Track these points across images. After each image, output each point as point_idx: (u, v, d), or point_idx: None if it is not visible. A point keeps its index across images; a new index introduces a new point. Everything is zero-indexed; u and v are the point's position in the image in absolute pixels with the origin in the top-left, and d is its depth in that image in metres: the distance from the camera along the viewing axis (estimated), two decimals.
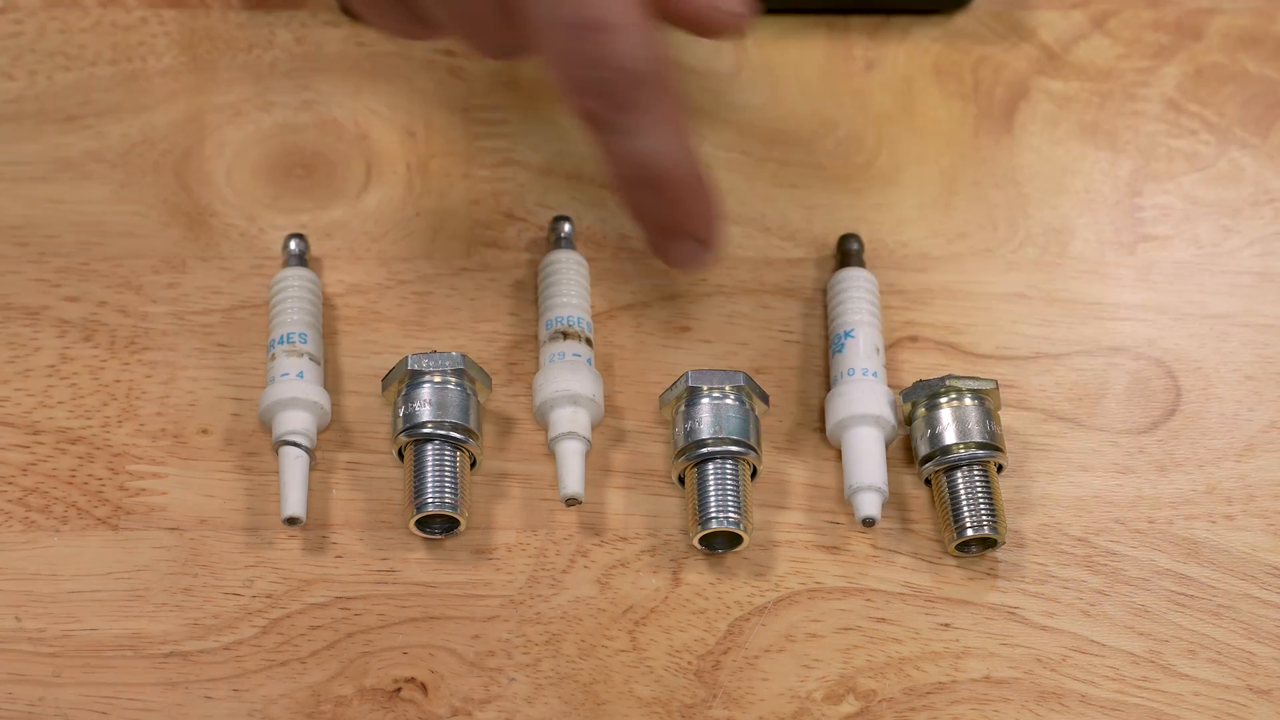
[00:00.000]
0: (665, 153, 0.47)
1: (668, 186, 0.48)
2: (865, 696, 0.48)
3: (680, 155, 0.48)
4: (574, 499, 0.49)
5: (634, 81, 0.46)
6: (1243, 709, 0.48)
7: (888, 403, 0.50)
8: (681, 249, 0.50)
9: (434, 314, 0.53)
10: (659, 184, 0.48)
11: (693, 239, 0.50)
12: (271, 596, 0.48)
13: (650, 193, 0.48)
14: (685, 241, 0.50)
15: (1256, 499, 0.51)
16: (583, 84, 0.46)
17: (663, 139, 0.47)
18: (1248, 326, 0.54)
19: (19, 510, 0.50)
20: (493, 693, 0.47)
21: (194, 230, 0.55)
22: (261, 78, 0.58)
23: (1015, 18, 0.60)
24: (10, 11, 0.59)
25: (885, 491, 0.49)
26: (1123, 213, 0.56)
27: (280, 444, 0.50)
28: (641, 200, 0.49)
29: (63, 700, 0.47)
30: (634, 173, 0.48)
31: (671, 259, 0.50)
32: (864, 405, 0.50)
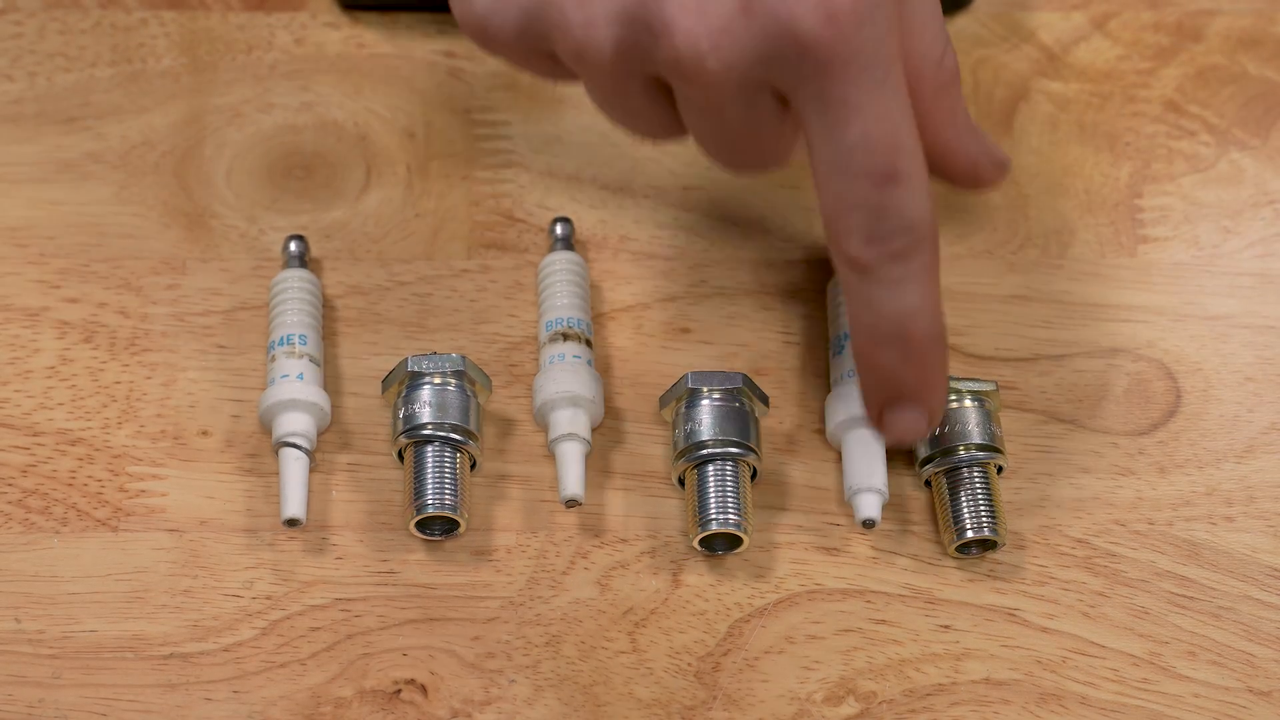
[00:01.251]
0: (923, 311, 0.47)
1: (916, 346, 0.48)
2: (865, 698, 0.48)
3: (935, 316, 0.48)
4: (574, 500, 0.49)
5: (917, 237, 0.46)
6: (1243, 711, 0.48)
7: None
8: (905, 418, 0.49)
9: (434, 315, 0.53)
10: (909, 342, 0.47)
11: (918, 409, 0.49)
12: (271, 598, 0.48)
13: (897, 352, 0.48)
14: (910, 410, 0.49)
15: (1257, 500, 0.51)
16: (868, 232, 0.46)
17: (925, 297, 0.47)
18: (1248, 328, 0.54)
19: (19, 512, 0.50)
20: (493, 694, 0.47)
21: (194, 231, 0.55)
22: (261, 79, 0.58)
23: (1015, 19, 0.60)
24: (10, 12, 0.59)
25: (885, 493, 0.49)
26: (1123, 214, 0.56)
27: (280, 445, 0.50)
28: (885, 359, 0.48)
29: (62, 702, 0.47)
30: (888, 328, 0.47)
31: (892, 429, 0.49)
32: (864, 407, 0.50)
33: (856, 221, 0.46)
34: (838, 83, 0.45)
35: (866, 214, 0.46)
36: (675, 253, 0.55)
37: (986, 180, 0.52)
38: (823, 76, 0.45)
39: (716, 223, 0.56)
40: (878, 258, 0.46)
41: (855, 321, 0.48)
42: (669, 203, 0.56)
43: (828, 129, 0.45)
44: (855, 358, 0.48)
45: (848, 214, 0.46)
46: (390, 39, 0.59)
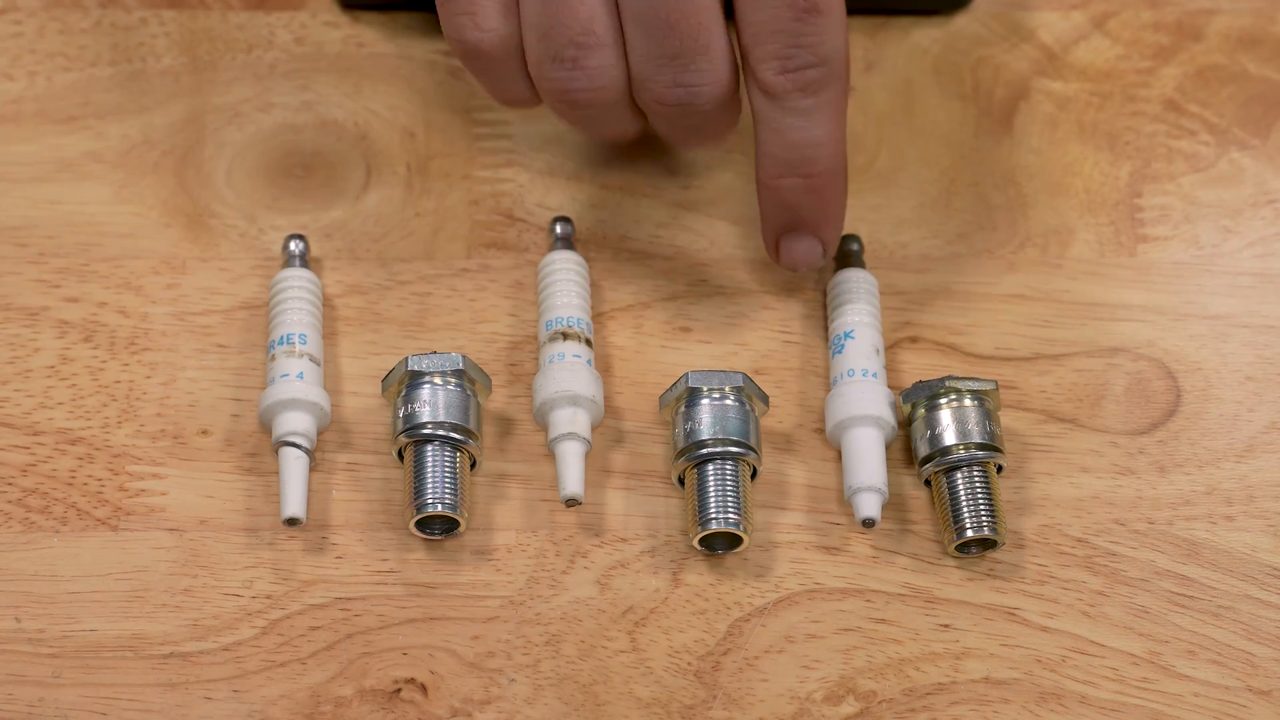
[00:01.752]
0: (828, 143, 0.50)
1: (818, 176, 0.50)
2: (865, 697, 0.48)
3: (838, 150, 0.50)
4: (574, 500, 0.49)
5: (830, 71, 0.49)
6: (1243, 710, 0.48)
7: (888, 403, 0.50)
8: (801, 246, 0.52)
9: (434, 315, 0.53)
10: (811, 172, 0.50)
11: (813, 238, 0.52)
12: (271, 597, 0.48)
13: (799, 181, 0.51)
14: (806, 239, 0.52)
15: (1256, 500, 0.51)
16: (783, 61, 0.49)
17: (830, 130, 0.50)
18: (1248, 327, 0.54)
19: (19, 511, 0.50)
20: (492, 694, 0.47)
21: (194, 231, 0.55)
22: (261, 78, 0.58)
23: (1015, 18, 0.60)
24: (10, 12, 0.59)
25: (885, 492, 0.49)
26: (1123, 213, 0.56)
27: (280, 445, 0.50)
28: (787, 187, 0.51)
29: (62, 701, 0.47)
30: (793, 156, 0.50)
31: (788, 255, 0.52)
32: (864, 406, 0.50)
33: (773, 49, 0.48)
34: None
35: (784, 42, 0.48)
36: (675, 253, 0.55)
37: None
38: None
39: (716, 223, 0.56)
40: (790, 86, 0.49)
41: (762, 150, 0.50)
42: (669, 203, 0.56)
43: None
44: (759, 186, 0.51)
45: (766, 40, 0.48)
46: (390, 39, 0.59)
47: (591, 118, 0.51)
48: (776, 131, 0.50)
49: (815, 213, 0.51)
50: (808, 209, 0.51)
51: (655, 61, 0.49)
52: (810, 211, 0.51)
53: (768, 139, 0.50)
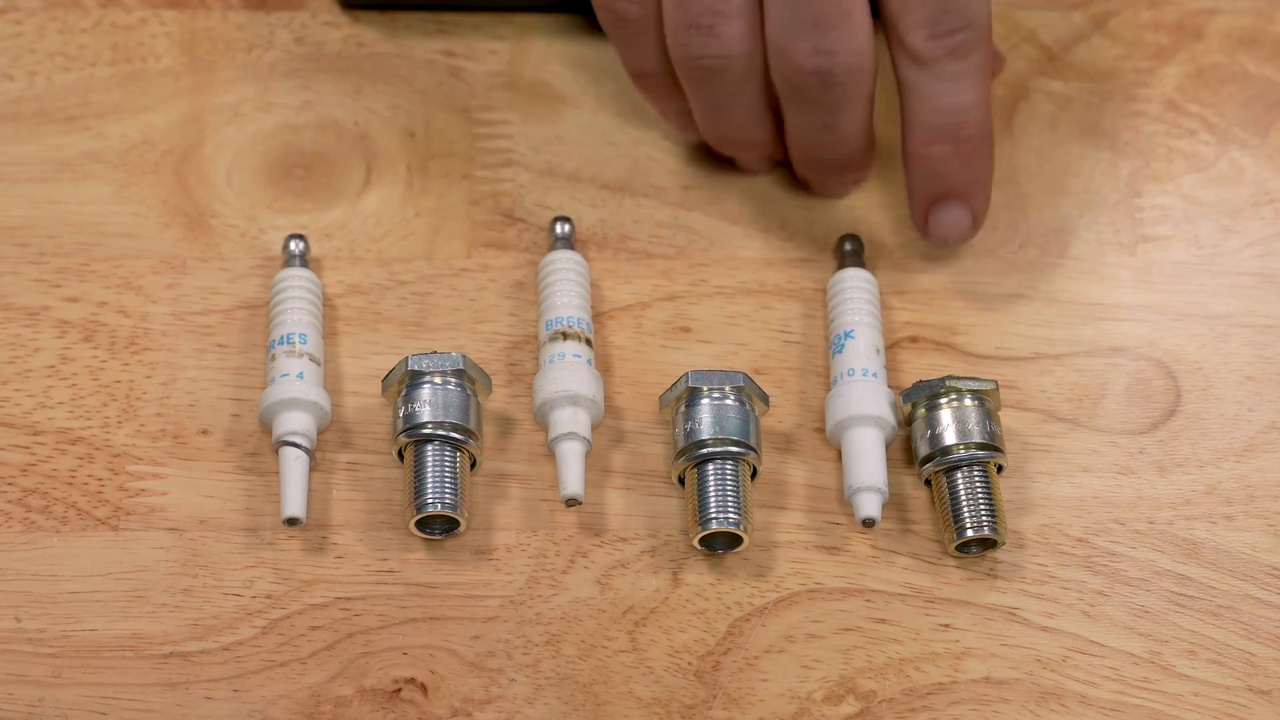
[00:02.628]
0: (977, 107, 0.51)
1: (968, 141, 0.51)
2: (865, 697, 0.48)
3: (987, 115, 0.51)
4: (574, 499, 0.49)
5: (977, 34, 0.50)
6: (1243, 710, 0.48)
7: (888, 403, 0.50)
8: (951, 215, 0.53)
9: (434, 314, 0.53)
10: (962, 137, 0.51)
11: (965, 207, 0.53)
12: (271, 597, 0.48)
13: (950, 147, 0.51)
14: (957, 208, 0.53)
15: (1256, 499, 0.51)
16: (932, 26, 0.50)
17: (979, 94, 0.51)
18: (1248, 327, 0.54)
19: (19, 511, 0.50)
20: (493, 693, 0.47)
21: (194, 231, 0.55)
22: (261, 78, 0.58)
23: (1015, 18, 0.60)
24: (10, 12, 0.59)
25: (885, 492, 0.49)
26: (1123, 213, 0.56)
27: (280, 444, 0.50)
28: (938, 154, 0.52)
29: (63, 700, 0.47)
30: (944, 122, 0.51)
31: (938, 227, 0.53)
32: (864, 406, 0.50)
33: (922, 15, 0.50)
34: None
35: (932, 7, 0.49)
36: (675, 252, 0.55)
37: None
38: None
39: (716, 223, 0.56)
40: (939, 51, 0.50)
41: (911, 118, 0.51)
42: (669, 202, 0.56)
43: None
44: (907, 157, 0.52)
45: (915, 7, 0.50)
46: (390, 38, 0.59)
47: (722, 94, 0.51)
48: (926, 98, 0.51)
49: (966, 178, 0.52)
50: (958, 175, 0.52)
51: (795, 28, 0.50)
52: (961, 178, 0.52)
53: (917, 106, 0.51)
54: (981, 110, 0.51)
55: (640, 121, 0.57)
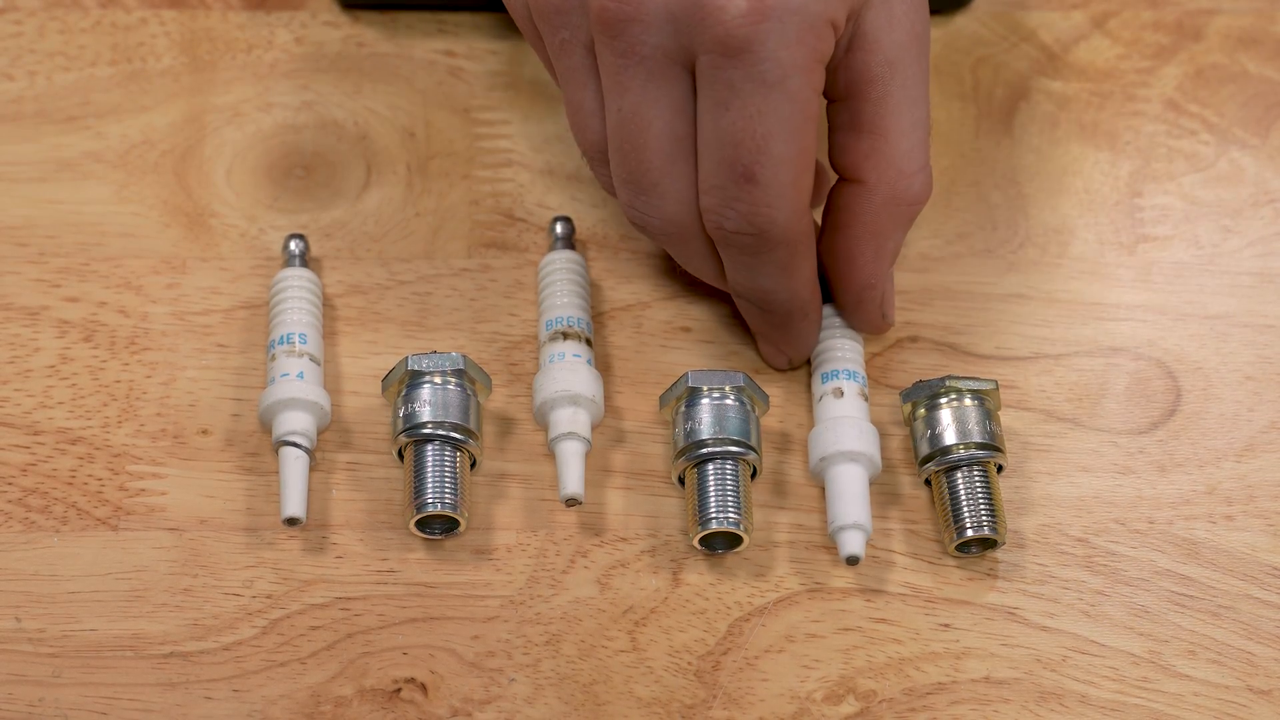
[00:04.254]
0: (779, 291, 0.49)
1: (773, 314, 0.50)
2: (865, 697, 0.48)
3: (793, 295, 0.50)
4: (574, 499, 0.49)
5: (765, 240, 0.48)
6: (1243, 709, 0.48)
7: (872, 440, 0.50)
8: (768, 351, 0.52)
9: (434, 314, 0.53)
10: (766, 310, 0.50)
11: (779, 350, 0.52)
12: (271, 597, 0.48)
13: (756, 311, 0.51)
14: (771, 348, 0.52)
15: (1256, 499, 0.51)
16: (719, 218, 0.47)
17: (779, 283, 0.49)
18: (1248, 327, 0.54)
19: (19, 510, 0.50)
20: (493, 693, 0.47)
21: (194, 230, 0.55)
22: (261, 78, 0.58)
23: (1015, 18, 0.60)
24: (10, 12, 0.59)
25: (869, 529, 0.49)
26: (1123, 213, 0.56)
27: (280, 444, 0.50)
28: (745, 309, 0.51)
29: (63, 700, 0.47)
30: (745, 290, 0.50)
31: (761, 351, 0.53)
32: (848, 442, 0.50)
33: (710, 203, 0.47)
34: (728, 63, 0.45)
35: (720, 201, 0.47)
36: None
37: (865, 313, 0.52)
38: (717, 51, 0.45)
39: None
40: (728, 243, 0.48)
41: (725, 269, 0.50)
42: None
43: (710, 105, 0.46)
44: None
45: (705, 192, 0.47)
46: (390, 38, 0.59)
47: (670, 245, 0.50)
48: (727, 265, 0.49)
49: (776, 336, 0.51)
50: (768, 331, 0.51)
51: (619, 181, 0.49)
52: (771, 334, 0.51)
53: (725, 266, 0.50)
54: (784, 293, 0.49)
55: None
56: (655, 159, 0.48)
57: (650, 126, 0.47)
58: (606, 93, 0.47)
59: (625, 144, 0.48)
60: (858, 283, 0.51)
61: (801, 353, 0.52)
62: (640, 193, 0.48)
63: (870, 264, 0.50)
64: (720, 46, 0.45)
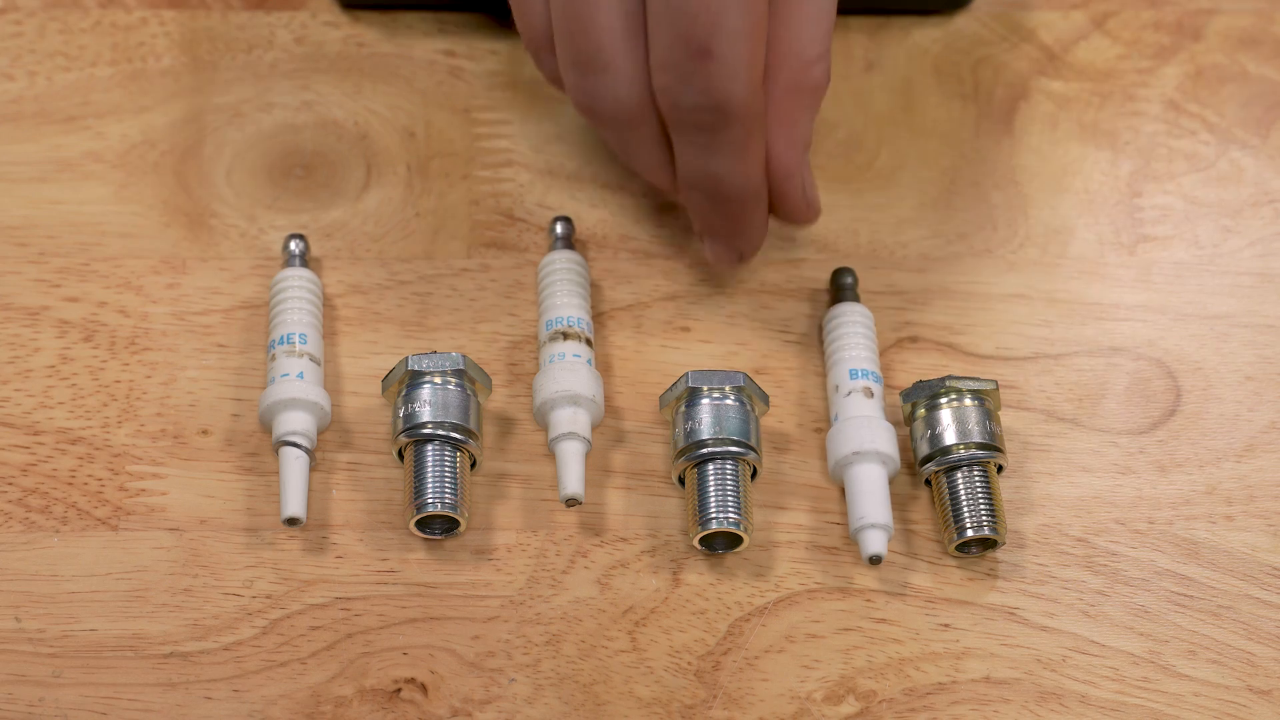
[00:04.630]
0: (732, 174, 0.49)
1: (724, 200, 0.50)
2: (865, 697, 0.48)
3: (746, 179, 0.49)
4: (574, 499, 0.49)
5: (723, 115, 0.47)
6: (1243, 710, 0.48)
7: (890, 438, 0.50)
8: (717, 249, 0.52)
9: (434, 314, 0.53)
10: (717, 198, 0.50)
11: (728, 245, 0.52)
12: (271, 597, 0.48)
13: (706, 199, 0.50)
14: (720, 245, 0.52)
15: (1257, 499, 0.51)
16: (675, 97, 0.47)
17: (733, 164, 0.49)
18: (1248, 327, 0.54)
19: (19, 511, 0.50)
20: (493, 693, 0.47)
21: (194, 230, 0.55)
22: (261, 78, 0.58)
23: (1015, 18, 0.60)
24: (10, 12, 0.59)
25: (890, 528, 0.49)
26: (1123, 213, 0.56)
27: (280, 444, 0.50)
28: (695, 201, 0.51)
29: (63, 700, 0.47)
30: (697, 180, 0.50)
31: (708, 253, 0.52)
32: (866, 442, 0.50)
33: (665, 80, 0.47)
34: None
35: (676, 78, 0.47)
36: (675, 252, 0.55)
37: (790, 204, 0.51)
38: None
39: None
40: (683, 122, 0.48)
41: (675, 156, 0.49)
42: (669, 202, 0.56)
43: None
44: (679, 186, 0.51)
45: (659, 69, 0.47)
46: (390, 38, 0.59)
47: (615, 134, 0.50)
48: (680, 150, 0.49)
49: (727, 228, 0.51)
50: (719, 223, 0.51)
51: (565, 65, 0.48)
52: (722, 226, 0.51)
53: (677, 151, 0.49)
54: (738, 176, 0.49)
55: None
56: (606, 37, 0.47)
57: (600, 3, 0.47)
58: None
59: (574, 24, 0.47)
60: (777, 174, 0.50)
61: (753, 244, 0.51)
62: (590, 73, 0.48)
63: (784, 153, 0.50)
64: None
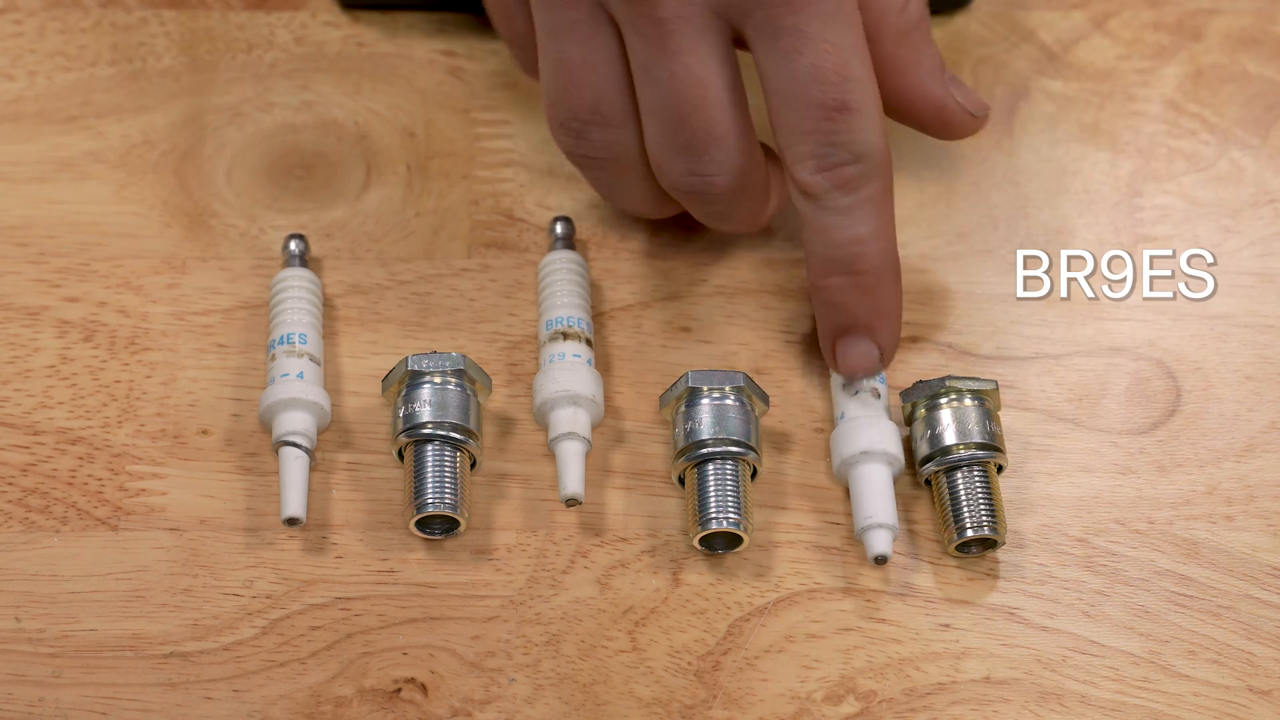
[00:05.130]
0: (874, 239, 0.49)
1: (866, 274, 0.49)
2: (865, 697, 0.48)
3: (886, 246, 0.49)
4: (574, 499, 0.49)
5: (867, 167, 0.48)
6: (1243, 710, 0.48)
7: (895, 438, 0.50)
8: (857, 349, 0.50)
9: (434, 314, 0.53)
10: (859, 270, 0.49)
11: (869, 340, 0.50)
12: (271, 597, 0.48)
13: (847, 279, 0.49)
14: (862, 341, 0.50)
15: (1256, 500, 0.51)
16: (818, 161, 0.48)
17: (875, 226, 0.49)
18: (1248, 327, 0.54)
19: (19, 511, 0.50)
20: (493, 693, 0.47)
21: (194, 230, 0.55)
22: (261, 78, 0.58)
23: (1015, 18, 0.60)
24: (10, 12, 0.59)
25: (896, 528, 0.49)
26: (1123, 213, 0.56)
27: (280, 444, 0.50)
28: (836, 286, 0.50)
29: (63, 701, 0.47)
30: (838, 255, 0.49)
31: (844, 360, 0.51)
32: (871, 442, 0.50)
33: (807, 149, 0.48)
34: (789, 11, 0.46)
35: (817, 142, 0.48)
36: (675, 252, 0.55)
37: (957, 126, 0.52)
38: (775, 4, 0.46)
39: None
40: (827, 185, 0.48)
41: (809, 251, 0.50)
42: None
43: (779, 58, 0.47)
44: (810, 290, 0.50)
45: (799, 142, 0.48)
46: (390, 38, 0.59)
47: (609, 185, 0.51)
48: (820, 231, 0.49)
49: (868, 312, 0.50)
50: (860, 309, 0.50)
51: (669, 150, 0.49)
52: (862, 311, 0.50)
53: (812, 239, 0.49)
54: (879, 242, 0.49)
55: None
56: (719, 114, 0.48)
57: (709, 84, 0.48)
58: (646, 60, 0.48)
59: (684, 107, 0.48)
60: (931, 111, 0.51)
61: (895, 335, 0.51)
62: (704, 152, 0.49)
63: (926, 88, 0.51)
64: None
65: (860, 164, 0.48)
